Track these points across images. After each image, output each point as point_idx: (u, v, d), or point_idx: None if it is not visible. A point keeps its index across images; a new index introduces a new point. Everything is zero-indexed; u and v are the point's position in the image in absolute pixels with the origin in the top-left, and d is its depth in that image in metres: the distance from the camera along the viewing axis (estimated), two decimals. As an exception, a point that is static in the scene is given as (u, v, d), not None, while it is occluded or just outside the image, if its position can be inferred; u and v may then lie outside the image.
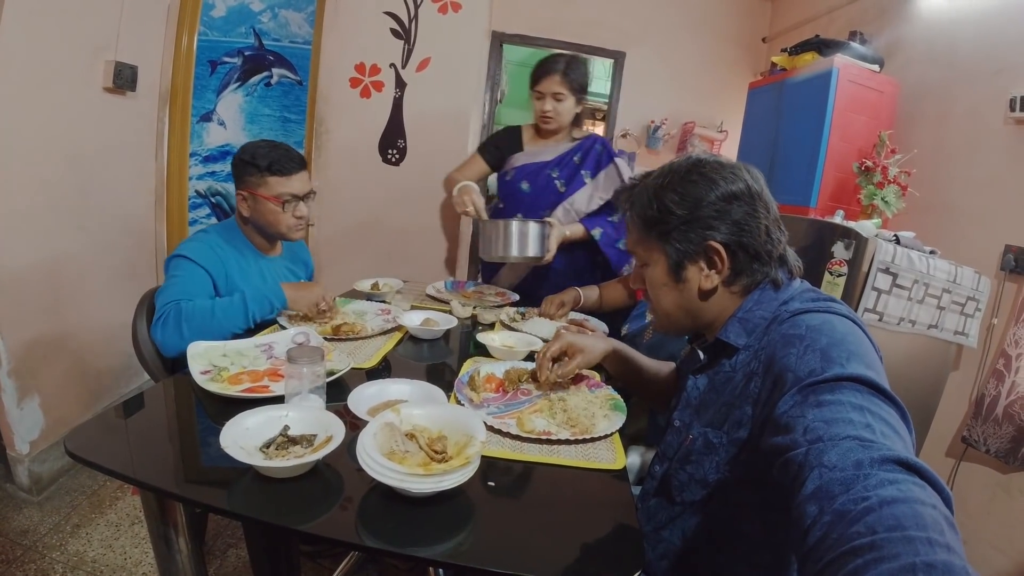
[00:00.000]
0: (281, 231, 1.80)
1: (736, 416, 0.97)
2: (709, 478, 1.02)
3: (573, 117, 2.31)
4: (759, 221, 1.00)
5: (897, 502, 0.56)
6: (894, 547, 0.52)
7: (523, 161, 2.40)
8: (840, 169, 2.46)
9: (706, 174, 1.02)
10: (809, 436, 0.71)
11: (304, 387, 1.12)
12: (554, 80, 2.18)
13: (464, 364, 1.53)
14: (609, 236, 2.26)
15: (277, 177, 1.74)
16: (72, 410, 2.50)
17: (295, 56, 3.34)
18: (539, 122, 2.31)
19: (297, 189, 1.78)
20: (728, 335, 1.03)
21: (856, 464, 0.63)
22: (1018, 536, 1.95)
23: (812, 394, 0.77)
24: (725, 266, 1.02)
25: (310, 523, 0.85)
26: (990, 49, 2.19)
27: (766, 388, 0.91)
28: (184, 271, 1.63)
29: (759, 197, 1.02)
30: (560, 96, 2.20)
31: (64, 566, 1.94)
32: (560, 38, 3.72)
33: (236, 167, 1.78)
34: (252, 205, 1.77)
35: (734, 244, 1.01)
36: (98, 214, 2.59)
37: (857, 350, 0.83)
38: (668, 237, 1.05)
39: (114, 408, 1.14)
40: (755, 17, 3.79)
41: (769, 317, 1.00)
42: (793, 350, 0.86)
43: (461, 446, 0.97)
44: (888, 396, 0.75)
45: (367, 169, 3.37)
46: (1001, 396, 1.98)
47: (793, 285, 1.05)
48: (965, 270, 2.00)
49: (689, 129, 3.71)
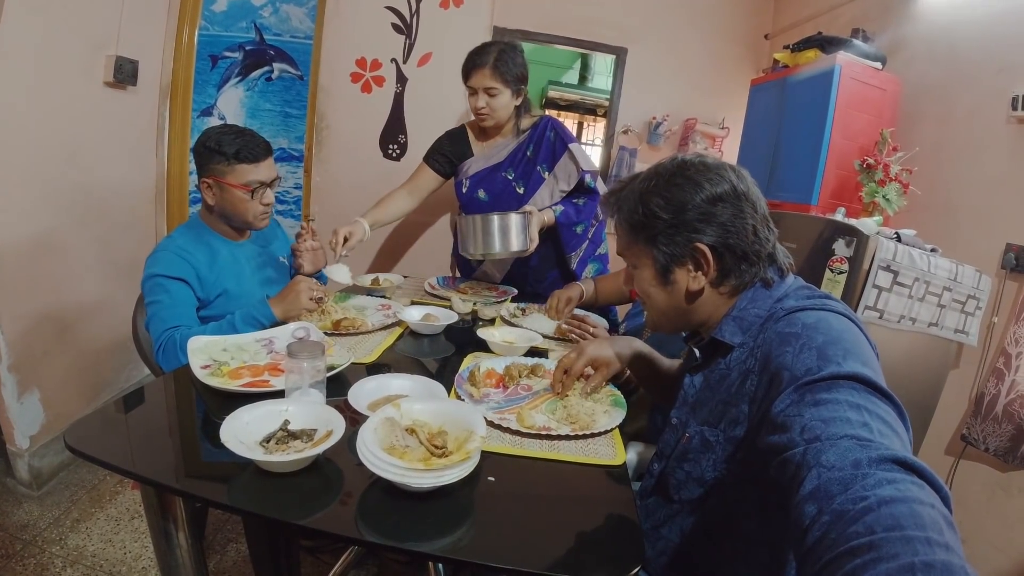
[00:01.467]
0: (248, 219, 1.74)
1: (732, 414, 0.97)
2: (706, 476, 1.02)
3: (513, 110, 2.18)
4: (745, 221, 1.00)
5: (896, 502, 0.56)
6: (893, 547, 0.52)
7: (475, 169, 2.29)
8: (842, 166, 2.45)
9: (691, 177, 1.02)
10: (807, 435, 0.71)
11: (304, 382, 1.12)
12: (484, 74, 2.05)
13: (464, 359, 1.53)
14: (568, 215, 2.16)
15: (245, 165, 1.67)
16: (72, 405, 2.50)
17: (296, 51, 3.33)
18: (476, 119, 2.20)
19: (264, 176, 1.72)
20: (723, 333, 1.03)
21: (854, 464, 0.63)
22: (1017, 535, 1.95)
23: (809, 392, 0.77)
24: (712, 268, 1.02)
25: (310, 518, 0.85)
26: (992, 48, 2.19)
27: (762, 386, 0.91)
28: (163, 292, 1.58)
29: (745, 197, 1.01)
30: (492, 91, 2.07)
31: (64, 560, 1.94)
32: (561, 33, 3.71)
33: (200, 154, 1.68)
34: (218, 194, 1.69)
35: (720, 246, 1.01)
36: (98, 209, 2.59)
37: (853, 348, 0.83)
38: (655, 241, 1.05)
39: (114, 402, 1.14)
40: (758, 14, 3.78)
41: (764, 315, 1.00)
42: (789, 348, 0.86)
43: (461, 441, 0.97)
44: (885, 394, 0.75)
45: (368, 164, 3.36)
46: (1001, 395, 1.98)
47: (786, 282, 1.06)
48: (966, 268, 2.00)
49: (691, 126, 3.70)
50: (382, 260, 3.45)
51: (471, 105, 2.14)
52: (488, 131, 2.25)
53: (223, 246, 1.77)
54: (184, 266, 1.62)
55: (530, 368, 1.46)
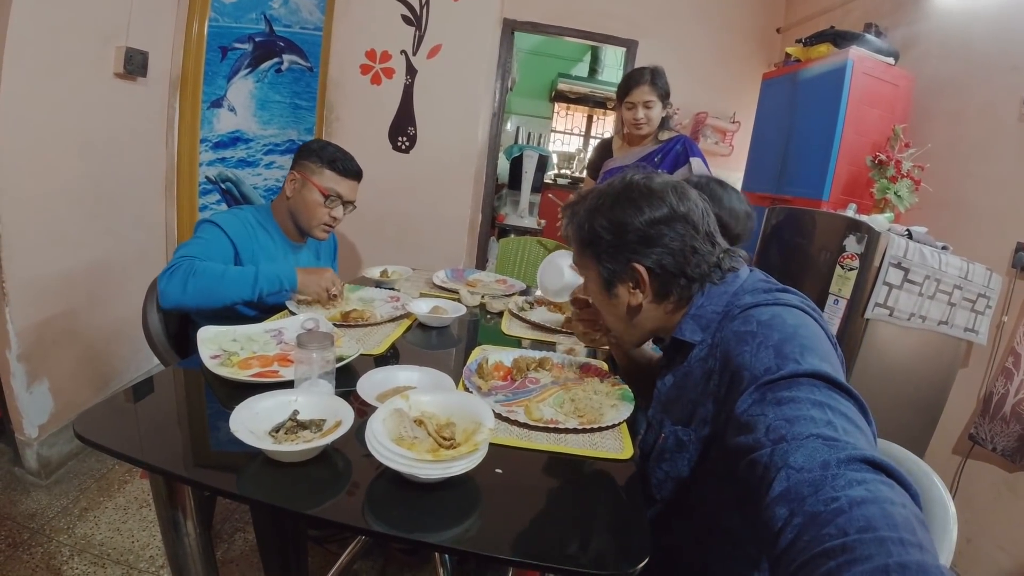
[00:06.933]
0: (311, 223, 1.86)
1: (701, 414, 0.99)
2: (683, 475, 1.04)
3: (660, 121, 2.44)
4: (684, 242, 1.04)
5: (867, 503, 0.57)
6: (866, 548, 0.53)
7: (611, 166, 2.56)
8: (853, 162, 2.44)
9: (633, 200, 1.07)
10: (772, 435, 0.71)
11: (314, 372, 1.12)
12: (644, 90, 2.33)
13: (472, 352, 1.53)
14: None
15: (334, 173, 1.83)
16: (81, 394, 2.52)
17: (306, 42, 3.33)
18: (631, 130, 2.43)
19: (344, 191, 1.86)
20: (683, 332, 1.07)
21: (823, 464, 0.63)
22: (1022, 535, 1.94)
23: (770, 391, 0.77)
24: (647, 287, 1.07)
25: (318, 507, 0.85)
26: (1005, 45, 2.17)
27: (723, 385, 0.92)
28: (209, 235, 1.68)
29: (684, 219, 1.05)
30: (650, 103, 2.34)
31: (71, 549, 1.95)
32: (572, 26, 3.70)
33: (302, 151, 1.86)
34: (298, 189, 1.84)
35: (656, 266, 1.05)
36: (108, 200, 2.60)
37: (810, 343, 0.83)
38: (599, 258, 1.11)
39: (123, 392, 1.14)
40: (769, 7, 3.76)
41: (721, 311, 1.03)
42: (747, 347, 0.87)
43: (469, 433, 0.97)
44: (845, 389, 0.76)
45: (377, 156, 3.37)
46: (1009, 394, 1.97)
47: (741, 275, 1.08)
48: (976, 267, 1.99)
49: (701, 119, 3.69)
50: (391, 252, 3.45)
51: (628, 119, 2.41)
52: (633, 139, 2.49)
53: (281, 241, 1.89)
54: (243, 232, 1.75)
55: (538, 361, 1.46)
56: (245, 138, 3.29)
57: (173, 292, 1.51)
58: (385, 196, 3.40)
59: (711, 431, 0.97)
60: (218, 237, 1.69)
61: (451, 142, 3.41)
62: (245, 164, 3.32)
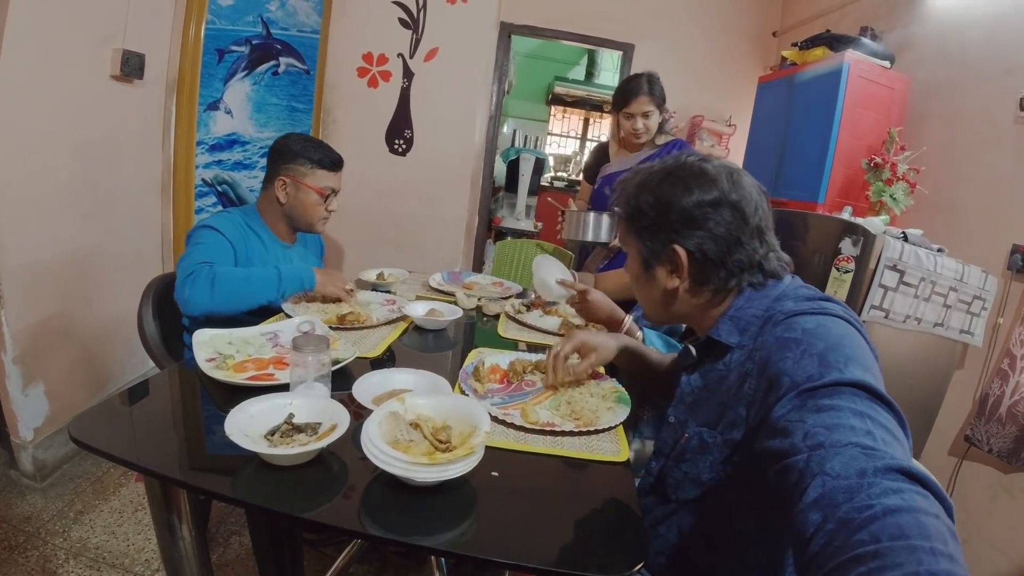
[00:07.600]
0: (312, 222, 1.90)
1: (730, 416, 0.97)
2: (703, 477, 1.02)
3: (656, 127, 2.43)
4: (729, 231, 1.00)
5: (901, 511, 0.57)
6: (898, 556, 0.53)
7: (609, 171, 2.53)
8: (849, 165, 2.45)
9: (683, 179, 1.02)
10: (810, 442, 0.70)
11: (309, 375, 1.12)
12: (642, 100, 2.29)
13: (469, 355, 1.53)
14: None
15: (324, 171, 1.85)
16: (77, 397, 2.51)
17: (303, 45, 3.33)
18: (630, 138, 2.40)
19: (336, 184, 1.90)
20: (720, 333, 1.03)
21: (860, 472, 0.63)
22: (1019, 537, 1.94)
23: (811, 398, 0.76)
24: (685, 272, 1.03)
25: (313, 511, 0.85)
26: (1000, 49, 2.18)
27: (760, 390, 0.90)
28: (212, 240, 1.68)
29: (734, 207, 1.00)
30: (649, 113, 2.31)
31: (67, 552, 1.95)
32: (569, 29, 3.71)
33: (283, 154, 1.84)
34: (292, 193, 1.84)
35: (698, 251, 1.01)
36: (104, 202, 2.59)
37: (854, 354, 0.82)
38: (641, 234, 1.07)
39: (119, 395, 1.14)
40: (766, 11, 3.77)
41: (761, 315, 0.99)
42: (789, 354, 0.85)
43: (465, 436, 0.97)
44: (887, 402, 0.75)
45: (374, 159, 3.37)
46: (1005, 396, 1.97)
47: (784, 282, 1.04)
48: (972, 269, 1.99)
49: (698, 122, 3.69)
50: (387, 255, 3.45)
51: (627, 128, 2.36)
52: (631, 146, 2.46)
53: (271, 241, 1.89)
54: (238, 235, 1.76)
55: (534, 364, 1.46)
56: (241, 141, 3.29)
57: (200, 299, 1.51)
58: (381, 199, 3.40)
59: (738, 435, 0.95)
60: (220, 241, 1.69)
61: (448, 145, 3.41)
62: (241, 167, 3.32)
